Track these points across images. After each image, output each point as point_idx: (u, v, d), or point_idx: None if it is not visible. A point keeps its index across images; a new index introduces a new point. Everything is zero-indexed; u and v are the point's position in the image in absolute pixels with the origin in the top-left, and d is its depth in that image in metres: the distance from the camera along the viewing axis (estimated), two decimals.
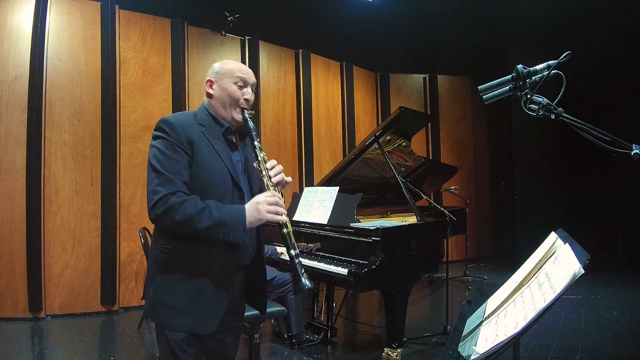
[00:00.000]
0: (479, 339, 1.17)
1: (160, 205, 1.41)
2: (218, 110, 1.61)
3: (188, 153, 1.48)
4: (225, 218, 1.44)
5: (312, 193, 3.48)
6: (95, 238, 4.34)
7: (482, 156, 7.46)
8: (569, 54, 1.23)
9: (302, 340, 3.36)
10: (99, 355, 3.32)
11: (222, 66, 1.63)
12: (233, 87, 1.59)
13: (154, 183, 1.44)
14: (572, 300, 4.54)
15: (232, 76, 1.60)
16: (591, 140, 1.25)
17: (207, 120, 1.59)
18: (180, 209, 1.40)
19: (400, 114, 3.33)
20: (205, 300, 1.49)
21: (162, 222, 1.44)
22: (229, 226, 1.45)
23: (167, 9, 4.85)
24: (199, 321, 1.48)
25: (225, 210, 1.46)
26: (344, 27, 6.13)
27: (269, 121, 5.60)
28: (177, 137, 1.47)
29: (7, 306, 3.98)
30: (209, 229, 1.42)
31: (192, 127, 1.52)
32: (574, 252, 1.10)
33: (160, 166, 1.45)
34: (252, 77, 1.64)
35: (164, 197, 1.41)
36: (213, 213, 1.43)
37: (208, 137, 1.54)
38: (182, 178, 1.46)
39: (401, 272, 2.84)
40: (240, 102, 1.60)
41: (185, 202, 1.42)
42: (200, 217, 1.41)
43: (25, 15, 4.14)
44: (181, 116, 1.58)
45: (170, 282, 1.49)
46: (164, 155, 1.46)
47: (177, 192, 1.43)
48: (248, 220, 1.47)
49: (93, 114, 4.39)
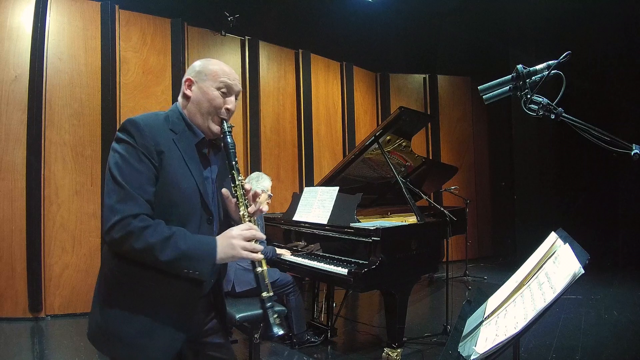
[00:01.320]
0: (479, 339, 1.17)
1: (118, 228, 1.21)
2: (193, 117, 1.40)
3: (155, 165, 1.28)
4: (192, 251, 1.26)
5: (312, 193, 3.48)
6: (95, 238, 4.34)
7: (482, 156, 7.46)
8: (569, 54, 1.23)
9: (302, 340, 3.36)
10: (98, 356, 3.31)
11: (205, 65, 1.42)
12: (215, 93, 1.38)
13: (112, 198, 1.24)
14: (572, 300, 4.54)
15: (215, 80, 1.39)
16: (591, 140, 1.25)
17: (180, 127, 1.38)
18: (141, 236, 1.21)
19: (400, 114, 3.33)
20: (159, 334, 1.31)
21: (118, 248, 1.25)
22: (196, 261, 1.26)
23: (167, 9, 4.85)
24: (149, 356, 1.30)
25: (194, 241, 1.28)
26: (344, 27, 6.13)
27: (269, 121, 5.59)
28: (144, 145, 1.27)
29: (7, 306, 3.98)
30: (173, 262, 1.24)
31: (162, 134, 1.32)
32: (574, 252, 1.10)
33: (121, 177, 1.24)
34: (238, 85, 1.44)
35: (123, 220, 1.21)
36: (179, 244, 1.24)
37: (179, 148, 1.34)
38: (146, 195, 1.26)
39: (401, 272, 2.84)
40: (221, 111, 1.39)
41: (148, 228, 1.23)
42: (164, 247, 1.22)
43: (25, 15, 4.14)
44: (151, 118, 1.34)
45: (121, 310, 1.29)
46: (127, 165, 1.25)
47: (139, 214, 1.23)
48: (219, 256, 1.30)
49: (93, 114, 4.39)
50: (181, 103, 1.44)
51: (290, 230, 3.50)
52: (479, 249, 7.24)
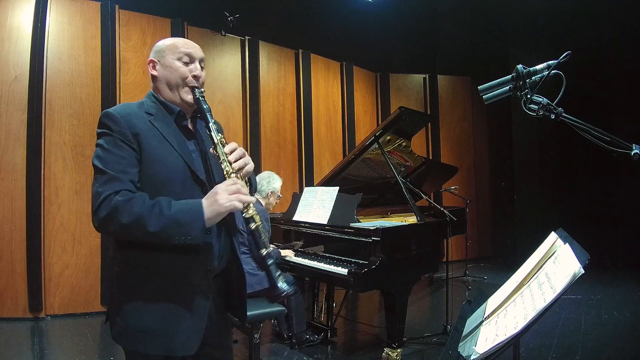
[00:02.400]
0: (479, 339, 1.17)
1: (103, 207, 1.21)
2: (165, 94, 1.42)
3: (134, 147, 1.29)
4: (179, 215, 1.23)
5: (312, 193, 3.48)
6: (95, 238, 4.34)
7: (482, 156, 7.46)
8: (569, 54, 1.23)
9: (302, 340, 3.36)
10: (99, 355, 3.32)
11: (162, 43, 1.46)
12: (177, 64, 1.40)
13: (96, 184, 1.25)
14: (572, 300, 4.54)
15: (175, 52, 1.42)
16: (591, 140, 1.25)
17: (155, 108, 1.40)
18: (125, 210, 1.20)
19: (400, 114, 3.33)
20: (183, 317, 1.31)
21: (107, 228, 1.24)
22: (184, 224, 1.23)
23: (167, 9, 4.85)
24: (178, 341, 1.30)
25: (179, 206, 1.25)
26: (344, 27, 6.13)
27: (269, 121, 5.60)
28: (120, 131, 1.28)
29: (7, 306, 3.98)
30: (163, 232, 1.22)
31: (137, 118, 1.33)
32: (574, 252, 1.10)
33: (102, 165, 1.26)
34: (199, 52, 1.45)
35: (107, 198, 1.21)
36: (165, 211, 1.22)
37: (157, 127, 1.34)
38: (129, 176, 1.27)
39: (401, 272, 2.84)
40: (188, 79, 1.40)
41: (131, 199, 1.22)
42: (150, 216, 1.21)
43: (25, 15, 4.14)
44: (124, 107, 1.37)
45: (137, 304, 1.29)
46: (107, 153, 1.27)
47: (122, 190, 1.23)
48: (206, 216, 1.26)
49: (93, 114, 4.38)
50: (151, 86, 1.47)
51: (290, 230, 3.50)
52: (479, 249, 7.24)
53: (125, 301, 1.31)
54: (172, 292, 1.31)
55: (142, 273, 1.31)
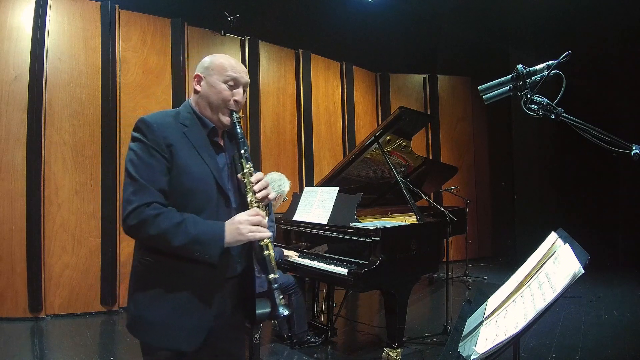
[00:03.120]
0: (479, 339, 1.17)
1: (133, 217, 1.31)
2: (204, 110, 1.48)
3: (166, 157, 1.37)
4: (202, 236, 1.34)
5: (312, 193, 3.48)
6: (95, 238, 4.34)
7: (482, 156, 7.46)
8: (569, 54, 1.23)
9: (303, 340, 3.36)
10: (99, 355, 3.32)
11: (212, 61, 1.49)
12: (222, 86, 1.46)
13: (128, 191, 1.34)
14: (572, 300, 4.54)
15: (222, 74, 1.46)
16: (591, 140, 1.25)
17: (190, 120, 1.47)
18: (154, 223, 1.31)
19: (400, 114, 3.33)
20: (188, 314, 1.38)
21: (135, 235, 1.36)
22: (206, 244, 1.34)
23: (167, 9, 4.85)
24: (180, 337, 1.37)
25: (204, 226, 1.36)
26: (344, 27, 6.13)
27: (269, 121, 5.60)
28: (154, 140, 1.36)
29: (7, 306, 3.98)
30: (184, 247, 1.33)
31: (172, 128, 1.41)
32: (574, 252, 1.10)
33: (135, 172, 1.35)
34: (245, 77, 1.51)
35: (137, 209, 1.31)
36: (189, 229, 1.33)
37: (190, 139, 1.42)
38: (159, 185, 1.35)
39: (401, 272, 2.84)
40: (229, 103, 1.47)
41: (160, 215, 1.32)
42: (176, 233, 1.32)
43: (25, 15, 4.14)
44: (161, 115, 1.45)
45: (150, 295, 1.39)
46: (140, 160, 1.36)
47: (152, 202, 1.33)
48: (226, 240, 1.37)
49: (93, 114, 4.39)
50: (192, 98, 1.53)
51: (290, 230, 3.50)
52: (479, 249, 7.24)
53: (139, 294, 1.41)
54: (184, 291, 1.39)
55: (158, 270, 1.40)
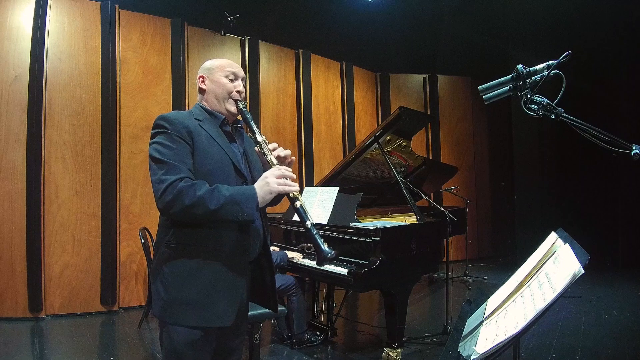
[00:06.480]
0: (479, 339, 1.17)
1: (169, 191, 1.41)
2: (212, 104, 1.66)
3: (188, 143, 1.51)
4: (236, 196, 1.45)
5: (312, 193, 3.48)
6: (95, 238, 4.34)
7: (482, 156, 7.46)
8: (569, 54, 1.23)
9: (303, 340, 3.36)
10: (99, 355, 3.32)
11: (212, 62, 1.71)
12: (225, 80, 1.66)
13: (158, 173, 1.44)
14: (572, 300, 4.54)
15: (223, 70, 1.67)
16: (591, 140, 1.25)
17: (202, 115, 1.63)
18: (189, 192, 1.41)
19: (400, 114, 3.33)
20: (221, 290, 1.49)
21: (171, 209, 1.43)
22: (242, 203, 1.44)
23: (167, 9, 4.85)
24: (217, 313, 1.48)
25: (235, 189, 1.48)
26: (344, 27, 6.13)
27: (269, 121, 5.60)
28: (176, 129, 1.50)
29: (7, 306, 3.98)
30: (221, 209, 1.42)
31: (189, 121, 1.56)
32: (574, 252, 1.10)
33: (162, 157, 1.46)
34: (241, 72, 1.72)
35: (172, 183, 1.41)
36: (224, 192, 1.44)
37: (205, 129, 1.58)
38: (187, 165, 1.48)
39: (401, 272, 2.84)
40: (233, 94, 1.66)
41: (194, 184, 1.43)
42: (211, 197, 1.42)
43: (25, 15, 4.14)
44: (176, 112, 1.61)
45: (181, 277, 1.48)
46: (165, 147, 1.48)
47: (184, 177, 1.44)
48: (259, 195, 1.48)
49: (93, 114, 4.39)
50: (199, 98, 1.71)
51: (290, 230, 3.50)
52: (479, 249, 7.24)
53: (170, 278, 1.49)
54: (213, 267, 1.49)
55: (187, 250, 1.49)
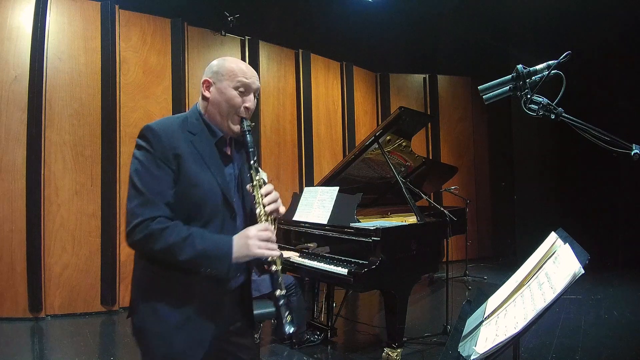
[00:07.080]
0: (479, 339, 1.17)
1: (139, 230, 1.27)
2: (213, 117, 1.42)
3: (173, 169, 1.32)
4: (209, 251, 1.30)
5: (312, 193, 3.47)
6: (95, 238, 4.34)
7: (482, 156, 7.45)
8: (569, 54, 1.23)
9: (302, 340, 3.36)
10: (99, 355, 3.32)
11: (222, 65, 1.41)
12: (233, 93, 1.39)
13: (133, 202, 1.29)
14: (572, 300, 4.54)
15: (232, 79, 1.39)
16: (591, 140, 1.25)
17: (198, 128, 1.40)
18: (160, 237, 1.26)
19: (400, 114, 3.33)
20: (193, 326, 1.35)
21: (140, 249, 1.34)
22: (213, 259, 1.30)
23: (167, 9, 4.85)
24: (183, 349, 1.34)
25: (211, 241, 1.32)
26: (344, 27, 6.12)
27: (269, 121, 5.59)
28: (161, 150, 1.31)
29: (7, 306, 3.98)
30: (191, 262, 1.29)
31: (179, 137, 1.35)
32: (574, 252, 1.10)
33: (141, 184, 1.29)
34: (256, 82, 1.43)
35: (143, 223, 1.27)
36: (196, 244, 1.28)
37: (198, 148, 1.37)
38: (165, 199, 1.31)
39: (401, 272, 2.84)
40: (240, 110, 1.41)
41: (166, 229, 1.28)
42: (182, 247, 1.27)
43: (25, 15, 4.14)
44: (168, 123, 1.39)
45: (154, 308, 1.35)
46: (146, 171, 1.30)
47: (158, 217, 1.28)
48: (234, 256, 1.33)
49: (93, 114, 4.39)
50: (200, 104, 1.46)
51: (290, 230, 3.49)
52: (479, 249, 7.24)
53: (143, 305, 1.37)
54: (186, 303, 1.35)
55: (161, 281, 1.36)
